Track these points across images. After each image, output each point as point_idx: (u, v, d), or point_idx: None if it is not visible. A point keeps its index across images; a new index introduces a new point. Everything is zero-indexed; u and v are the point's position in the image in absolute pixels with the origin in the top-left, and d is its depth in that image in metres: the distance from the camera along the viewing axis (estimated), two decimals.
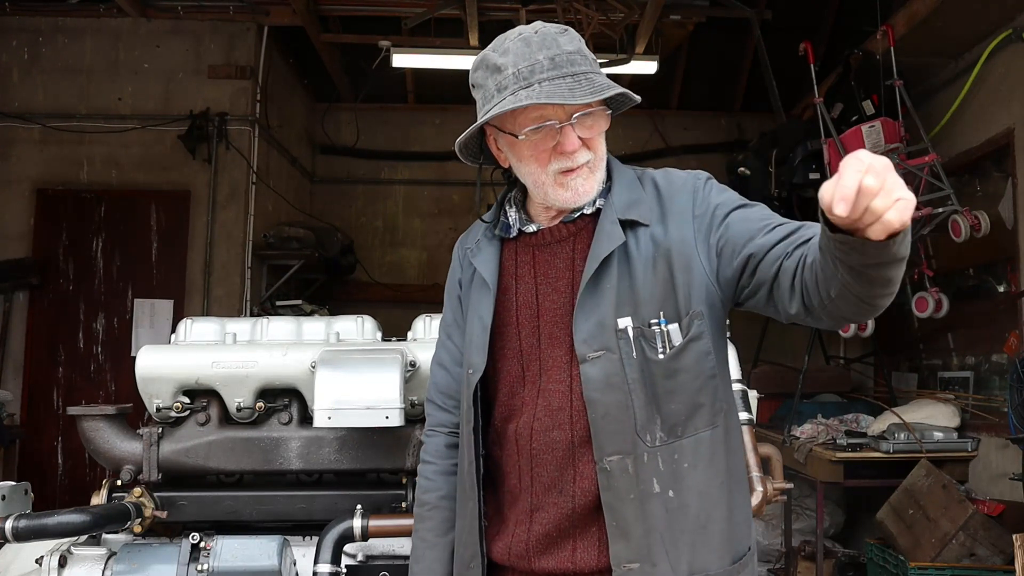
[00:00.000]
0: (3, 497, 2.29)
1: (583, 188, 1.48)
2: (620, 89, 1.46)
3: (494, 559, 1.54)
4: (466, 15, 5.82)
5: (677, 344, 1.43)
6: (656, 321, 1.43)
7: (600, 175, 1.50)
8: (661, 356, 1.42)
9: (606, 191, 1.52)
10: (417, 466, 1.73)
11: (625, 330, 1.43)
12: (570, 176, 1.48)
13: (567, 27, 1.51)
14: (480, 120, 1.49)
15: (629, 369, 1.42)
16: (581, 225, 1.52)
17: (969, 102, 5.13)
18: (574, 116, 1.45)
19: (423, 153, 7.70)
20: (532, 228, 1.58)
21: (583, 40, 1.51)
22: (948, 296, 4.90)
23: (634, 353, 1.42)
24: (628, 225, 1.47)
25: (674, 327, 1.43)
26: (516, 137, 1.47)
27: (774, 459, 2.54)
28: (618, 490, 1.41)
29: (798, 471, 4.54)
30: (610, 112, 1.49)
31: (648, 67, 6.07)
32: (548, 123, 1.45)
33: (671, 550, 1.40)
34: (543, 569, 1.50)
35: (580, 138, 1.46)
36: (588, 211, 1.52)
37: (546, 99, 1.41)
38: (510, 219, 1.61)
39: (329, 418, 2.08)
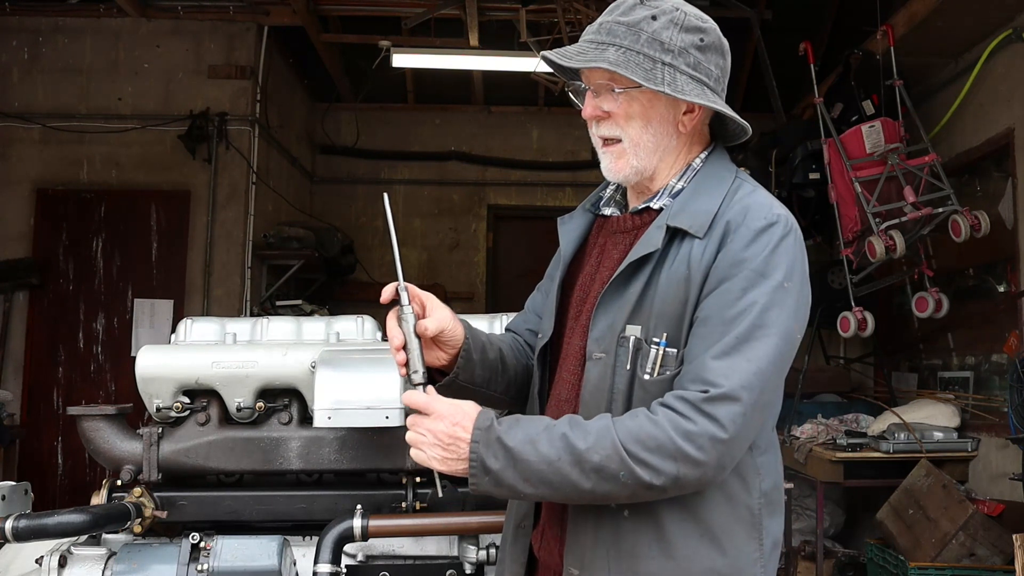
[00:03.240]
0: (3, 497, 2.29)
1: (612, 166, 1.48)
2: (603, 64, 1.38)
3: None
4: (466, 15, 5.82)
5: (668, 372, 1.36)
6: (657, 341, 1.37)
7: (637, 161, 1.45)
8: (647, 377, 1.37)
9: (679, 191, 1.47)
10: (417, 466, 1.73)
11: (628, 338, 1.39)
12: (602, 149, 1.48)
13: (664, 2, 1.43)
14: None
15: (618, 379, 1.39)
16: (647, 219, 1.48)
17: (969, 102, 5.13)
18: (593, 84, 1.45)
19: (423, 153, 7.70)
20: (607, 212, 1.57)
21: (674, 21, 1.41)
22: (948, 296, 4.89)
23: (628, 364, 1.38)
24: (676, 232, 1.40)
25: (673, 352, 1.36)
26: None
27: None
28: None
29: (798, 471, 4.54)
30: (663, 95, 1.39)
31: None
32: (578, 84, 1.48)
33: (614, 568, 1.37)
34: (541, 558, 1.53)
35: (608, 112, 1.44)
36: (655, 206, 1.48)
37: (552, 55, 1.45)
38: (605, 195, 1.60)
39: (329, 418, 2.08)
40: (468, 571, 2.24)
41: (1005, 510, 3.71)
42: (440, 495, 1.49)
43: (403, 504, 2.24)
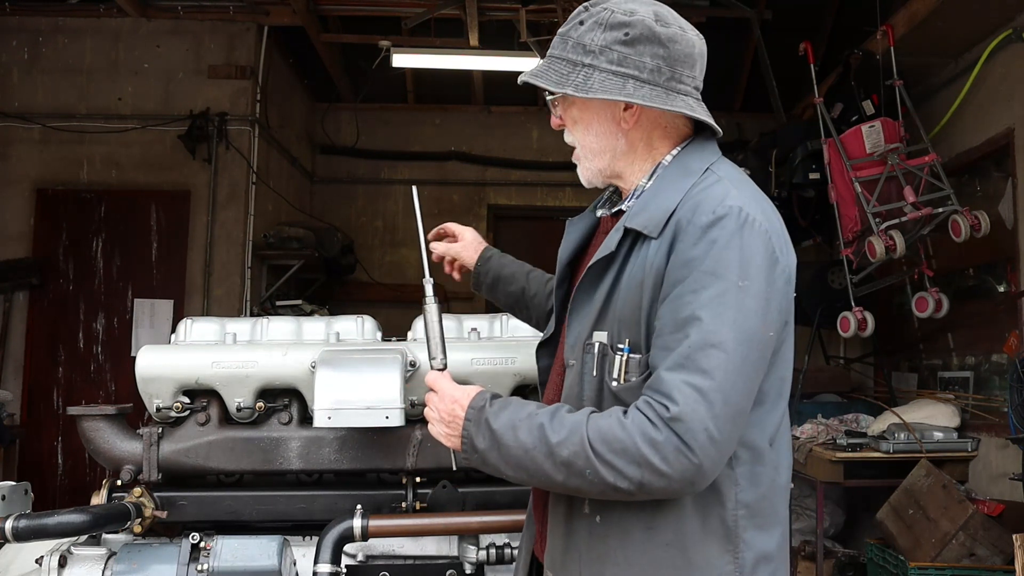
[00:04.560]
0: (3, 497, 2.29)
1: (579, 171, 1.52)
2: (527, 78, 1.45)
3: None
4: (466, 15, 5.82)
5: (634, 379, 1.33)
6: (622, 347, 1.35)
7: (591, 164, 1.48)
8: (614, 384, 1.35)
9: (645, 191, 1.45)
10: (417, 466, 1.78)
11: (594, 345, 1.38)
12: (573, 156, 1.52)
13: (601, 4, 1.45)
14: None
15: (586, 386, 1.39)
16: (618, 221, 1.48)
17: (969, 102, 5.12)
18: (551, 97, 1.49)
19: (423, 153, 7.70)
20: (599, 213, 1.59)
21: (598, 22, 1.42)
22: (948, 296, 4.89)
23: (595, 371, 1.37)
24: (636, 235, 1.38)
25: (637, 358, 1.33)
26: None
27: None
28: (555, 500, 1.44)
29: (798, 471, 4.54)
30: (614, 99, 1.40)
31: None
32: (550, 98, 1.52)
33: (584, 572, 1.38)
34: (536, 555, 1.58)
35: (561, 120, 1.50)
36: (624, 207, 1.47)
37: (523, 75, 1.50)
38: (604, 196, 1.62)
39: (329, 418, 2.08)
40: (468, 571, 2.24)
41: (1005, 510, 3.70)
42: (455, 468, 1.54)
43: (403, 504, 2.24)
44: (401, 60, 6.16)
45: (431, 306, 1.56)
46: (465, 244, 1.95)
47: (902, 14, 4.99)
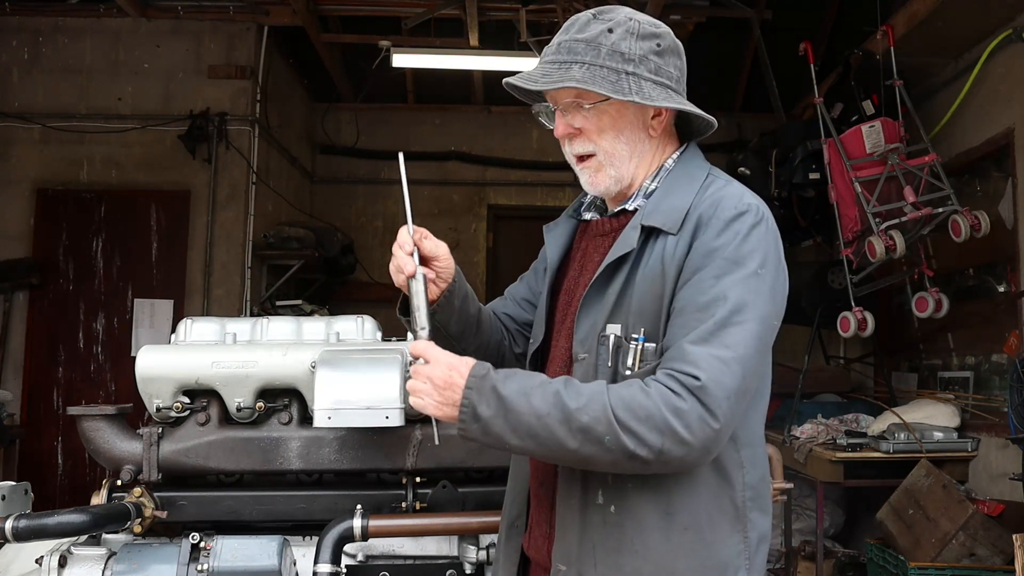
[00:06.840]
0: (3, 497, 2.29)
1: (591, 181, 1.51)
2: (571, 83, 1.40)
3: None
4: (466, 15, 5.82)
5: (649, 366, 1.37)
6: (636, 337, 1.39)
7: (615, 171, 1.49)
8: (628, 373, 1.38)
9: (652, 192, 1.50)
10: (417, 466, 1.77)
11: (608, 337, 1.41)
12: (578, 166, 1.52)
13: (616, 14, 1.47)
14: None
15: (600, 376, 1.41)
16: (623, 221, 1.51)
17: (969, 102, 5.12)
18: (561, 103, 1.48)
19: (423, 153, 7.70)
20: (587, 216, 1.61)
21: (630, 31, 1.45)
22: (948, 296, 4.89)
23: (609, 362, 1.41)
24: (651, 231, 1.43)
25: (652, 346, 1.38)
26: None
27: (774, 459, 2.54)
28: (566, 493, 1.45)
29: (798, 471, 4.54)
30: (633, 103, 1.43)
31: None
32: (544, 105, 1.52)
33: (600, 563, 1.39)
34: (531, 556, 1.57)
35: (579, 128, 1.47)
36: (630, 207, 1.51)
37: (516, 81, 1.48)
38: (586, 201, 1.64)
39: (329, 418, 2.08)
40: (468, 571, 2.24)
41: (1005, 510, 3.71)
42: (437, 443, 1.49)
43: (403, 504, 2.24)
44: (401, 60, 6.16)
45: (418, 275, 1.52)
46: (449, 256, 1.68)
47: (902, 14, 4.99)
